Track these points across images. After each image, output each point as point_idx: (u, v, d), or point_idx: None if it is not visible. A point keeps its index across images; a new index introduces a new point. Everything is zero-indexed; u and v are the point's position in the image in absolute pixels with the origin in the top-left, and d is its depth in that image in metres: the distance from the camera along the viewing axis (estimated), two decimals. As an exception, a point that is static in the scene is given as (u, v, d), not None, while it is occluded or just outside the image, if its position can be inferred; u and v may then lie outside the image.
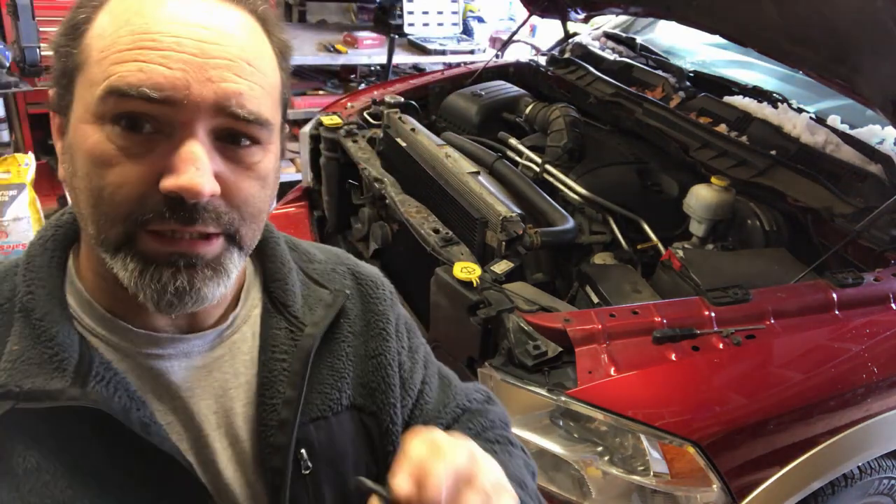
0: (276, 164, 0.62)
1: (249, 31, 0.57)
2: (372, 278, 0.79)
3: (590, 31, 3.06)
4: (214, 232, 0.55)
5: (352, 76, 4.21)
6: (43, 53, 2.74)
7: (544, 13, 2.78)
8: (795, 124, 2.07)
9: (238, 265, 0.59)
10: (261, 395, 0.66)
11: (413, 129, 2.04)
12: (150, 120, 0.52)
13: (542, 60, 2.86)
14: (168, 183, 0.51)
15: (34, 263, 0.62)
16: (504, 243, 1.60)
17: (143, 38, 0.52)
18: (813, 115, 2.11)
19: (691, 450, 1.23)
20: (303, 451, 0.66)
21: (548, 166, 2.15)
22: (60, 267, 0.63)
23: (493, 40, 4.45)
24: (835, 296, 1.45)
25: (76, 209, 0.57)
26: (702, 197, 1.87)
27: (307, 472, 0.66)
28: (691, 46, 2.92)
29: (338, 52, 3.68)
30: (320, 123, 2.23)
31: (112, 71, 0.52)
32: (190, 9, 0.54)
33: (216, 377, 0.65)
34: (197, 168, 0.51)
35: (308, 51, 3.62)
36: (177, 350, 0.63)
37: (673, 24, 2.65)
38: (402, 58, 3.91)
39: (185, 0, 0.54)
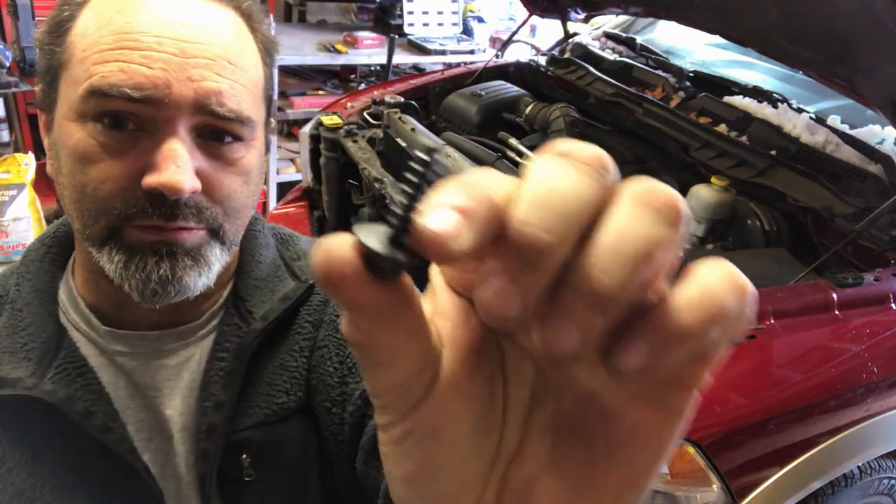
0: (260, 160, 0.62)
1: (232, 28, 0.57)
2: None
3: (590, 31, 3.06)
4: (196, 227, 0.56)
5: (352, 76, 4.21)
6: (43, 53, 2.74)
7: (544, 13, 2.77)
8: (795, 124, 2.07)
9: (220, 258, 0.59)
10: (198, 398, 0.63)
11: (413, 129, 2.04)
12: (132, 118, 0.53)
13: (542, 60, 2.86)
14: (149, 180, 0.52)
15: (28, 258, 0.65)
16: (504, 243, 1.60)
17: (125, 38, 0.52)
18: (813, 115, 2.11)
19: (691, 450, 1.23)
20: (244, 456, 0.62)
21: (548, 166, 2.15)
22: (55, 262, 0.65)
23: (493, 40, 4.45)
24: (835, 296, 1.45)
25: (63, 205, 0.58)
26: (702, 197, 1.87)
27: (249, 479, 0.62)
28: (691, 46, 2.92)
29: (338, 52, 3.68)
30: (320, 123, 2.23)
31: (94, 71, 0.52)
32: (172, 7, 0.54)
33: (185, 378, 0.63)
34: (177, 165, 0.52)
35: (308, 51, 3.62)
36: (147, 349, 0.62)
37: (673, 24, 2.65)
38: (402, 58, 3.91)
39: None
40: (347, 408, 0.63)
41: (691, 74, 2.56)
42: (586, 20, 2.89)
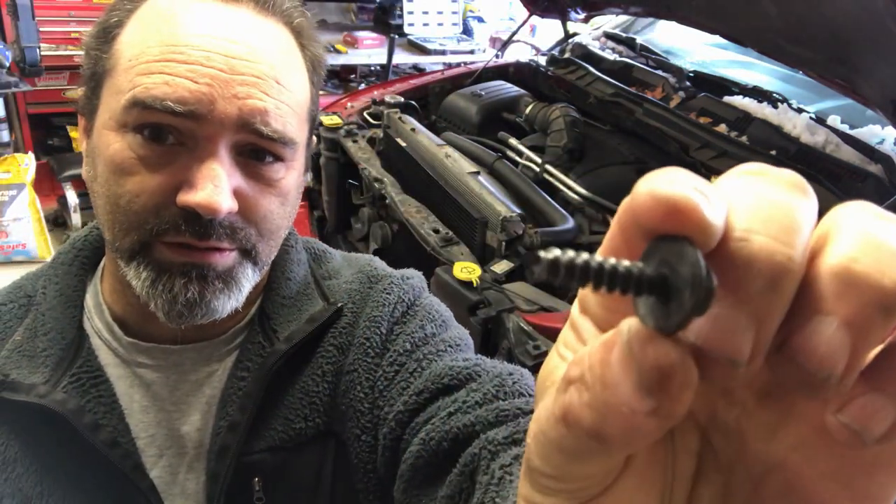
0: (299, 181, 0.60)
1: (282, 45, 0.56)
2: (388, 280, 0.68)
3: (590, 31, 3.06)
4: (228, 247, 0.54)
5: (352, 76, 4.21)
6: (43, 53, 2.74)
7: (544, 13, 2.77)
8: (795, 124, 2.07)
9: (252, 280, 0.57)
10: (215, 415, 0.61)
11: (413, 129, 2.04)
12: (173, 132, 0.52)
13: (542, 60, 2.86)
14: (185, 198, 0.51)
15: (58, 261, 0.64)
16: (504, 243, 1.60)
17: (172, 50, 0.51)
18: (813, 115, 2.11)
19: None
20: (256, 479, 0.60)
21: (548, 166, 2.15)
22: (84, 267, 0.64)
23: (493, 40, 4.45)
24: (835, 296, 1.45)
25: (96, 213, 0.57)
26: (702, 197, 1.87)
27: (260, 503, 0.61)
28: (691, 46, 2.92)
29: (338, 52, 3.68)
30: (320, 123, 2.23)
31: (138, 82, 0.51)
32: (222, 21, 0.53)
33: (205, 393, 0.62)
34: (215, 185, 0.51)
35: (308, 51, 3.62)
36: (169, 362, 0.61)
37: (673, 24, 2.65)
38: (402, 58, 3.92)
39: (218, 11, 0.54)
40: (380, 432, 0.60)
41: (691, 74, 2.56)
42: (586, 20, 2.89)
